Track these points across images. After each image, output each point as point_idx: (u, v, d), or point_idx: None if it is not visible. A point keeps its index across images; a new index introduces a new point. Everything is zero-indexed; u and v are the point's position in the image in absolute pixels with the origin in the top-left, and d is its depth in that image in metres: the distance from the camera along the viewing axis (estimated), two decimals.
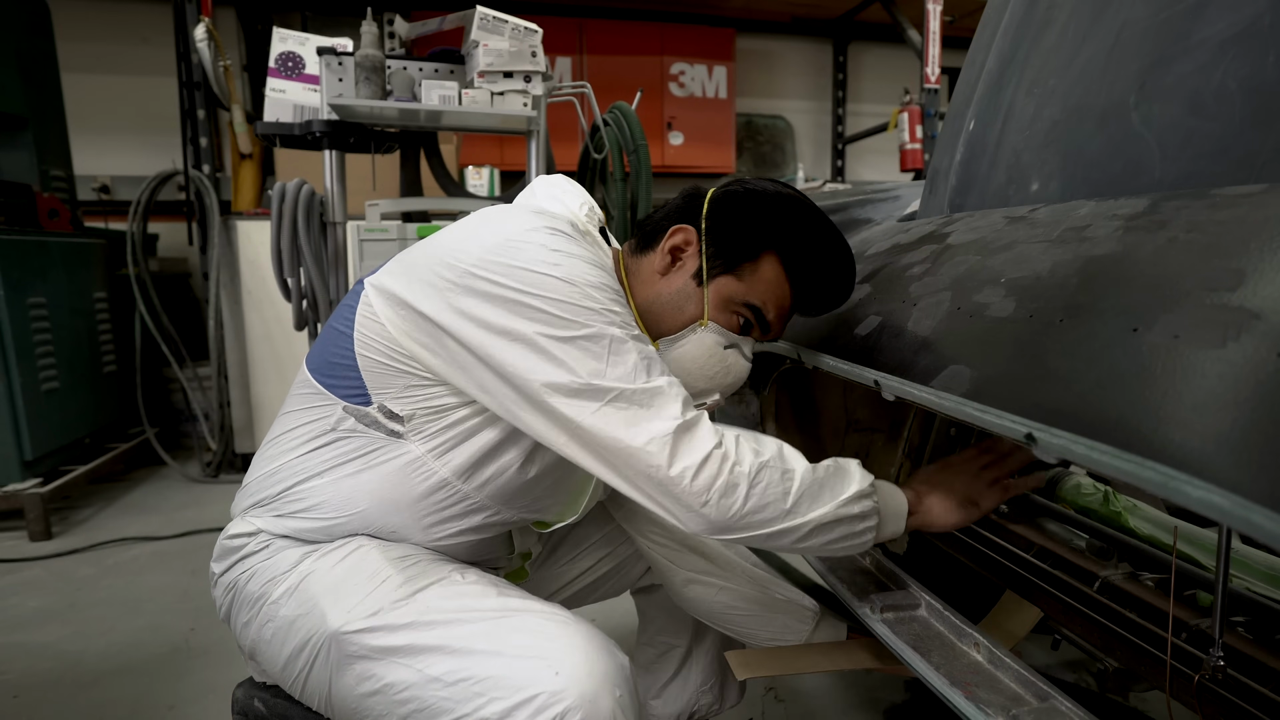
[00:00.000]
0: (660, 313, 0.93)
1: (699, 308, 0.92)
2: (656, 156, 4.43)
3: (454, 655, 0.76)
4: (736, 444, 0.79)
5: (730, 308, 0.92)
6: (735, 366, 0.94)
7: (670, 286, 0.93)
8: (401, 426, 0.86)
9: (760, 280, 0.92)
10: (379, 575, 0.83)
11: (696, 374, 0.93)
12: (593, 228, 0.95)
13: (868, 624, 0.99)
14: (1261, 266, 0.52)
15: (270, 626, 0.85)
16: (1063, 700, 0.77)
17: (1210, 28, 0.76)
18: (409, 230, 2.17)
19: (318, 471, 0.89)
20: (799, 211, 0.93)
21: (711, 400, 0.96)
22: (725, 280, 0.91)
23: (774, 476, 0.79)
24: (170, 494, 2.94)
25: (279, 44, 2.29)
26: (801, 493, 0.80)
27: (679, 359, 0.92)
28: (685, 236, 0.93)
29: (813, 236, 0.93)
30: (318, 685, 0.82)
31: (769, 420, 1.63)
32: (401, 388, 0.85)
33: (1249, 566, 0.99)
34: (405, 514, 0.89)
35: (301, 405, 0.92)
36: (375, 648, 0.78)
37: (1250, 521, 0.41)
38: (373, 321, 0.86)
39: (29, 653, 1.74)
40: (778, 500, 0.79)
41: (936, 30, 3.64)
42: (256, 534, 0.90)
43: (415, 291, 0.83)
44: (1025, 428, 0.58)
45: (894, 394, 0.80)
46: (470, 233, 0.86)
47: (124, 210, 3.22)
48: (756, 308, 0.92)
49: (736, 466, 0.77)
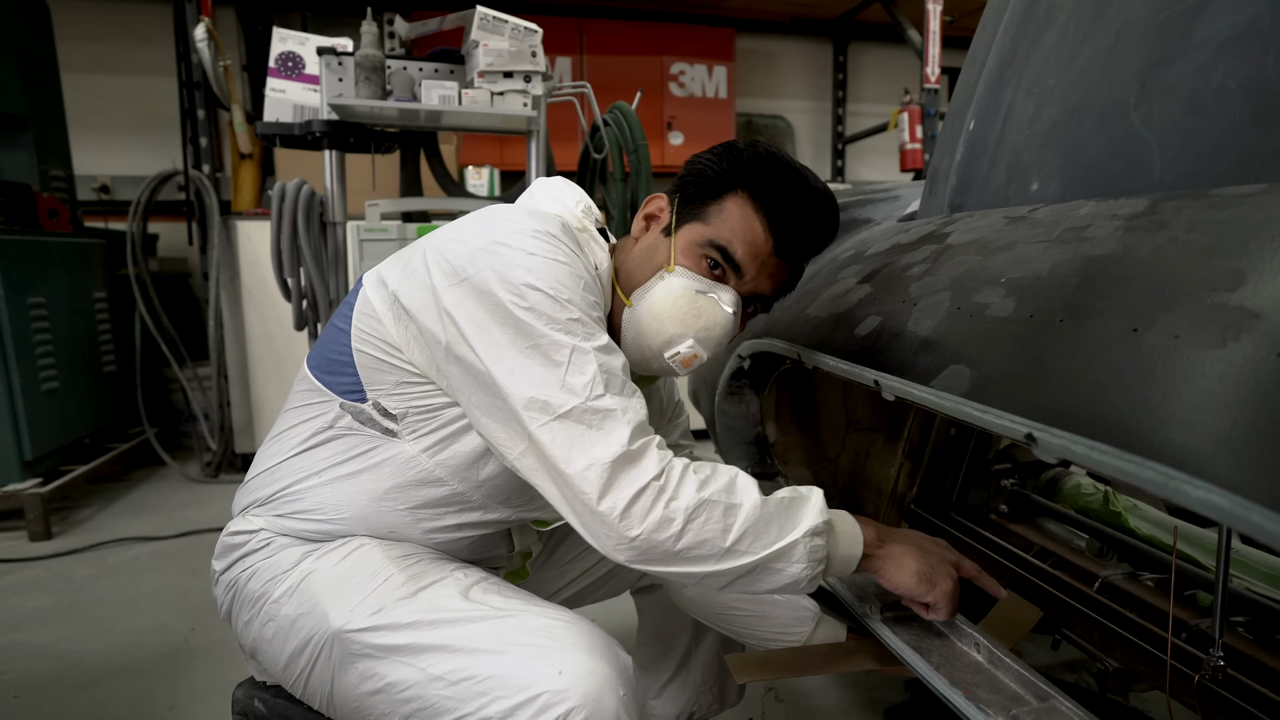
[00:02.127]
0: (632, 269, 0.93)
1: (666, 255, 0.91)
2: (656, 156, 4.43)
3: (457, 654, 0.75)
4: (680, 476, 0.76)
5: (697, 251, 0.90)
6: (707, 310, 0.89)
7: (642, 245, 0.94)
8: (396, 425, 0.87)
9: (726, 220, 0.89)
10: (381, 574, 0.83)
11: (665, 318, 0.89)
12: (590, 224, 0.96)
13: (868, 625, 0.99)
14: (1261, 266, 0.52)
15: (271, 625, 0.85)
16: (1063, 700, 0.77)
17: (1210, 28, 0.75)
18: (409, 230, 2.17)
19: (315, 471, 0.89)
20: (764, 152, 0.91)
21: (685, 346, 0.90)
22: (691, 226, 0.91)
23: (714, 513, 0.75)
24: (170, 494, 2.93)
25: (279, 44, 2.29)
26: (744, 531, 0.76)
27: (648, 307, 0.90)
28: (659, 204, 0.95)
29: (778, 170, 0.90)
30: (319, 684, 0.82)
31: (769, 420, 1.63)
32: (394, 384, 0.86)
33: (1249, 566, 1.00)
34: (403, 514, 0.89)
35: (301, 403, 0.93)
36: (378, 646, 0.78)
37: (1250, 521, 0.41)
38: (368, 316, 0.87)
39: (29, 653, 1.74)
40: (715, 538, 0.75)
41: (936, 30, 3.64)
42: (258, 532, 0.90)
43: (404, 285, 0.85)
44: (1025, 428, 0.58)
45: (894, 394, 0.80)
46: (463, 230, 0.86)
47: (124, 210, 3.22)
48: (722, 246, 0.88)
49: (673, 501, 0.74)
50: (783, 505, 0.81)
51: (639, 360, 0.94)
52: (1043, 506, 1.34)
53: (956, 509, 1.43)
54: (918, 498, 1.47)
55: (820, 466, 1.61)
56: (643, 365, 0.95)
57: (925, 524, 1.43)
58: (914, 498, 1.47)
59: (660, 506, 0.74)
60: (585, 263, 0.86)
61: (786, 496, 0.82)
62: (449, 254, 0.82)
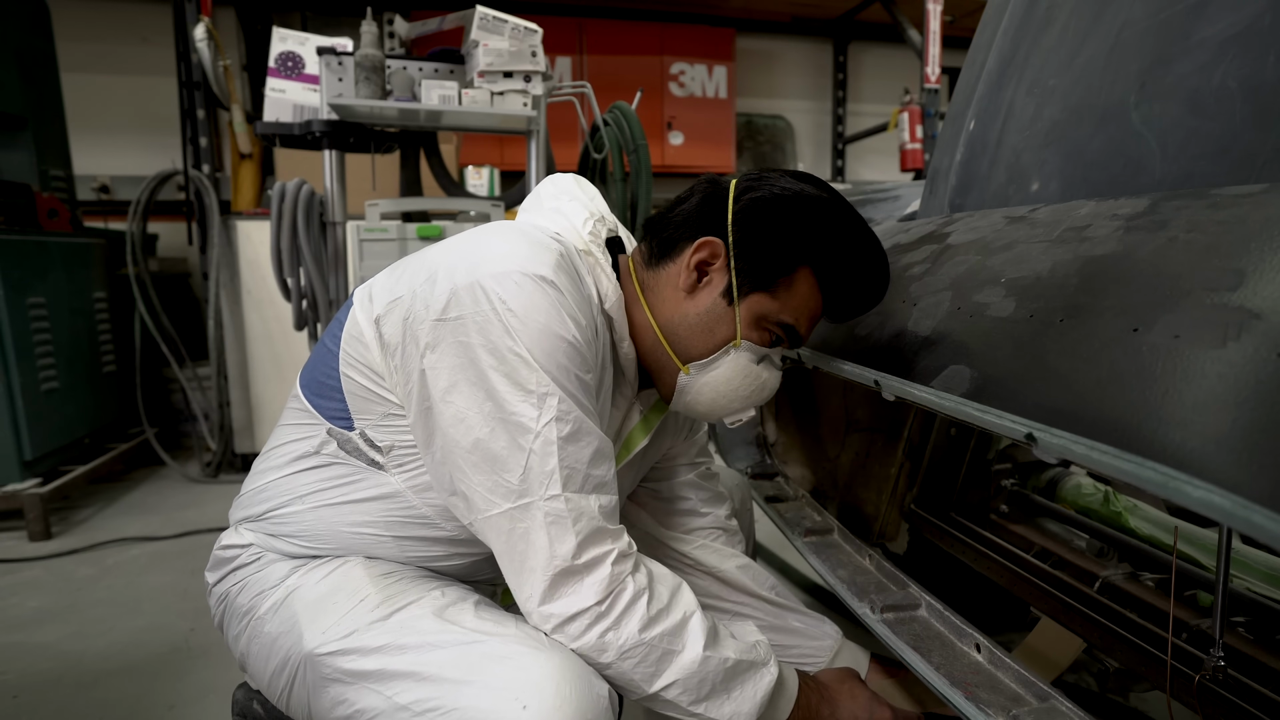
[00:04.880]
0: (688, 336, 0.87)
1: (731, 328, 0.86)
2: (656, 156, 4.43)
3: (423, 683, 0.73)
4: (627, 608, 0.74)
5: (763, 325, 0.87)
6: (769, 381, 0.90)
7: (698, 306, 0.86)
8: (382, 457, 0.84)
9: (795, 296, 0.86)
10: (359, 594, 0.81)
11: (731, 395, 0.88)
12: (596, 246, 0.88)
13: (868, 624, 0.99)
14: (1261, 266, 0.52)
15: (257, 643, 0.84)
16: (1063, 700, 0.77)
17: (1210, 28, 0.75)
18: (409, 230, 2.16)
19: (300, 495, 0.87)
20: (833, 218, 0.86)
21: (747, 416, 0.92)
22: (758, 298, 0.85)
23: (650, 657, 0.74)
24: (170, 494, 2.93)
25: (279, 44, 2.29)
26: (673, 681, 0.75)
27: (711, 382, 0.88)
28: (712, 250, 0.85)
29: (849, 245, 0.87)
30: (299, 704, 0.82)
31: (769, 420, 1.63)
32: (381, 415, 0.83)
33: (1249, 566, 0.99)
34: (388, 546, 0.88)
35: (292, 420, 0.91)
36: (347, 671, 0.77)
37: (1250, 521, 0.40)
38: (356, 340, 0.84)
39: (29, 653, 1.74)
40: (641, 681, 0.75)
41: (936, 30, 3.64)
42: (248, 546, 0.90)
43: (389, 315, 0.81)
44: (1025, 428, 0.58)
45: (894, 394, 0.80)
46: (451, 260, 0.80)
47: (124, 210, 3.22)
48: (790, 325, 0.87)
49: (610, 632, 0.73)
50: (726, 669, 0.78)
51: (688, 413, 0.94)
52: (1043, 506, 1.34)
53: (956, 509, 1.43)
54: (918, 498, 1.47)
55: (820, 466, 1.61)
56: (690, 415, 0.95)
57: (925, 524, 1.43)
58: (914, 498, 1.47)
59: (594, 634, 0.73)
60: (584, 306, 0.80)
61: (733, 659, 0.79)
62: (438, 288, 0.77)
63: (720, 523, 1.14)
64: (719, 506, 1.15)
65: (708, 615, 0.80)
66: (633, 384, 0.94)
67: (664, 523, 1.14)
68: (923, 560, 1.50)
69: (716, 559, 1.11)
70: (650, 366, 0.92)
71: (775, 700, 0.83)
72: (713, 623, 0.81)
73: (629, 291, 0.90)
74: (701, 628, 0.78)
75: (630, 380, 0.93)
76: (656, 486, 1.14)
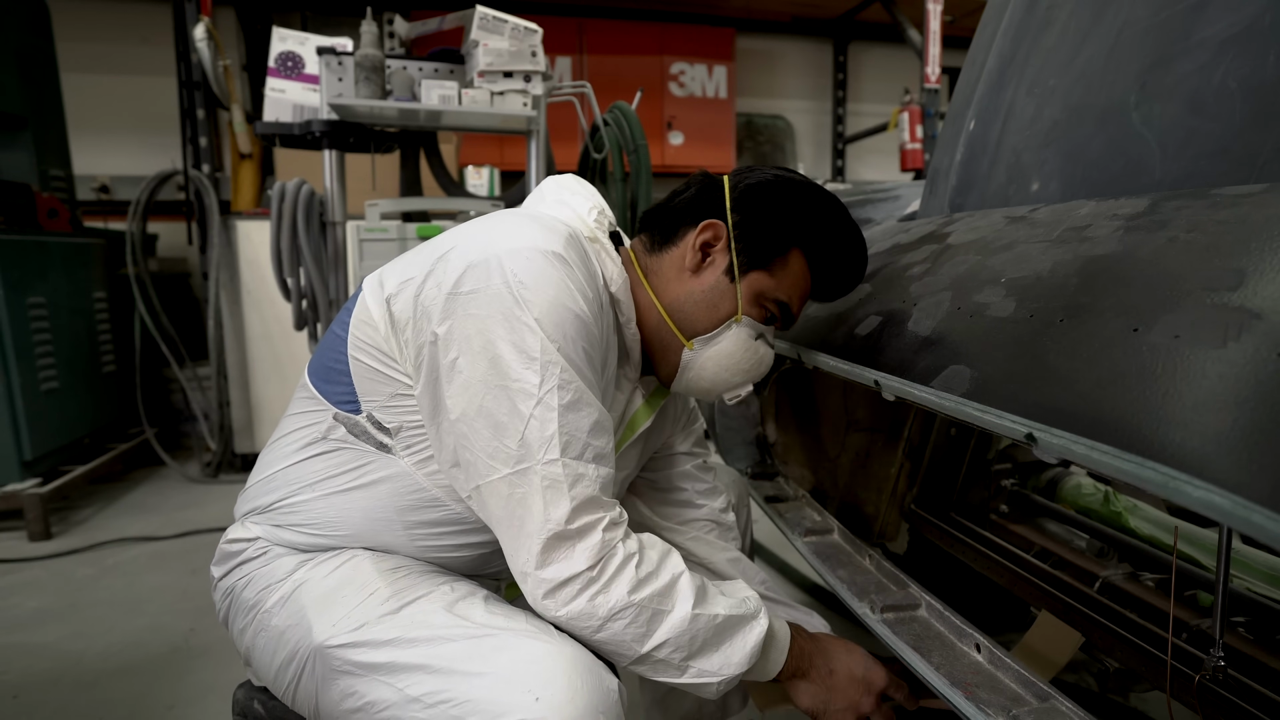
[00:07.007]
0: (694, 312, 0.93)
1: (733, 304, 0.92)
2: (656, 156, 4.43)
3: (435, 675, 0.74)
4: (616, 571, 0.75)
5: (760, 302, 0.93)
6: (766, 356, 0.96)
7: (703, 284, 0.92)
8: (390, 439, 0.85)
9: (789, 275, 0.93)
10: (368, 587, 0.82)
11: (732, 368, 0.94)
12: (601, 234, 0.93)
13: (868, 624, 0.99)
14: (1262, 266, 0.52)
15: (263, 636, 0.84)
16: (1063, 700, 0.77)
17: (1210, 28, 0.76)
18: (409, 230, 2.16)
19: (309, 483, 0.88)
20: (823, 204, 0.94)
21: (746, 390, 0.97)
22: (757, 276, 0.92)
23: (640, 618, 0.76)
24: (170, 494, 2.93)
25: (279, 44, 2.29)
26: (664, 640, 0.77)
27: (715, 356, 0.93)
28: (715, 232, 0.92)
29: (835, 230, 0.95)
30: (306, 697, 0.82)
31: (769, 420, 1.63)
32: (388, 396, 0.84)
33: (1249, 566, 0.99)
34: (398, 533, 0.88)
35: (298, 409, 0.92)
36: (358, 663, 0.77)
37: (1250, 521, 0.41)
38: (365, 324, 0.85)
39: (29, 653, 1.74)
40: (632, 642, 0.76)
41: (937, 30, 3.64)
42: (255, 540, 0.90)
43: (400, 293, 0.83)
44: (1025, 428, 0.58)
45: (894, 394, 0.80)
46: (465, 241, 0.83)
47: (123, 210, 3.22)
48: (784, 303, 0.94)
49: (600, 596, 0.74)
50: (715, 625, 0.80)
51: (690, 391, 0.98)
52: (1043, 506, 1.34)
53: (956, 509, 1.43)
54: (918, 498, 1.47)
55: (820, 466, 1.61)
56: (691, 394, 0.99)
57: (925, 524, 1.43)
58: (914, 498, 1.47)
59: (584, 599, 0.74)
60: (591, 282, 0.83)
61: (723, 615, 0.80)
62: (449, 266, 0.80)
63: (715, 516, 1.15)
64: (715, 499, 1.16)
65: (696, 575, 0.81)
66: (637, 366, 0.97)
67: (659, 512, 1.15)
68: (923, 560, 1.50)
69: (708, 551, 1.12)
70: (654, 347, 0.95)
71: (767, 651, 0.85)
72: (701, 581, 0.82)
73: (632, 276, 0.95)
74: (690, 587, 0.79)
75: (635, 363, 0.97)
76: (654, 476, 1.16)
